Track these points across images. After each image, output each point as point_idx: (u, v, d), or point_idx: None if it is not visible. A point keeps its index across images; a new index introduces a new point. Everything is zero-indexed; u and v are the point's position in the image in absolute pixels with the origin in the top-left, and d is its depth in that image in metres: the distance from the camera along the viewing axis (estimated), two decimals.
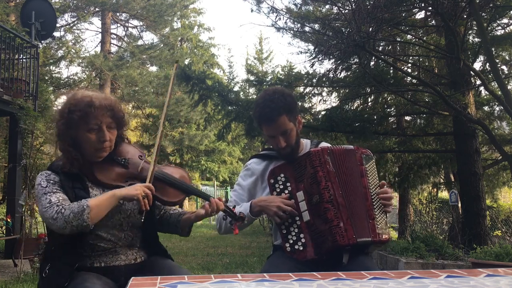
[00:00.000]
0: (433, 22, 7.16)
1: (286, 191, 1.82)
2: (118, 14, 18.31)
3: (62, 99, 16.35)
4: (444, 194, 10.38)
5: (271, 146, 2.06)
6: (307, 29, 7.02)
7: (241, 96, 7.58)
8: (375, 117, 7.07)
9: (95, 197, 1.53)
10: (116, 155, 1.69)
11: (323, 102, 8.04)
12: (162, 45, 18.30)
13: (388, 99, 7.94)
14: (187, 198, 1.85)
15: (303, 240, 1.75)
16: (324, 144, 2.04)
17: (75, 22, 16.47)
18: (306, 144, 2.02)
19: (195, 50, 22.99)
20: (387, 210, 1.82)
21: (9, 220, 6.04)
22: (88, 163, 1.64)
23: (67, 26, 16.10)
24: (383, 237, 1.73)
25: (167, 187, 1.71)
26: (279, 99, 1.82)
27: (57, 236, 1.55)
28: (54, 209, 1.47)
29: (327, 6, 7.24)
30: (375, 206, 1.77)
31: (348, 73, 7.58)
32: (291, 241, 1.78)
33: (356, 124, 6.42)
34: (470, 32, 6.42)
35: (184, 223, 1.79)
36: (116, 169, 1.67)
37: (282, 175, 1.84)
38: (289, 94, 1.90)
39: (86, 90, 1.70)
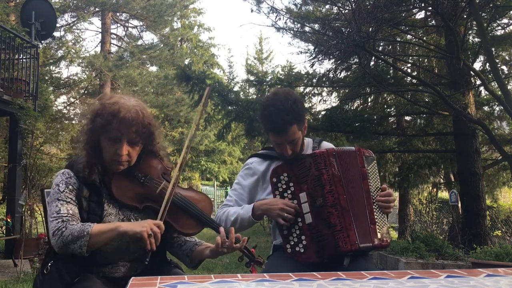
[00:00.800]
0: (433, 22, 7.15)
1: (289, 191, 1.79)
2: (118, 14, 18.30)
3: (62, 99, 16.37)
4: (444, 194, 10.37)
5: (271, 146, 2.06)
6: (307, 29, 7.02)
7: (241, 96, 7.57)
8: (375, 117, 7.07)
9: (99, 224, 1.44)
10: (138, 171, 1.58)
11: (323, 102, 8.05)
12: (162, 45, 18.29)
13: (388, 99, 7.94)
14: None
15: (304, 242, 1.73)
16: (325, 143, 2.03)
17: (75, 22, 16.46)
18: (308, 143, 2.00)
19: (195, 50, 22.99)
20: (387, 212, 1.80)
21: (9, 220, 6.04)
22: (110, 173, 1.56)
23: (67, 26, 16.10)
24: (384, 241, 1.73)
25: (184, 215, 1.57)
26: (292, 108, 1.76)
27: None
28: (57, 224, 1.42)
29: (327, 6, 7.24)
30: (376, 210, 1.75)
31: (348, 73, 7.58)
32: (292, 243, 1.76)
33: (356, 124, 6.42)
34: (470, 32, 6.42)
35: (196, 255, 1.66)
36: (135, 187, 1.56)
37: (285, 174, 1.81)
38: (300, 100, 1.84)
39: (123, 95, 1.60)
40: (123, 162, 1.52)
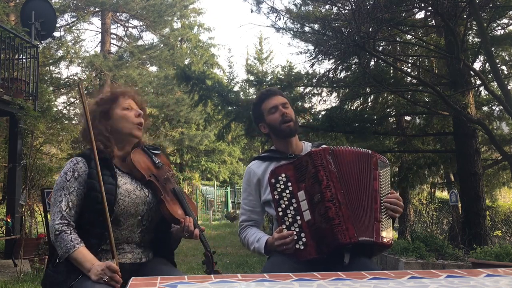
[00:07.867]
0: (433, 22, 7.16)
1: (287, 191, 1.81)
2: (118, 14, 18.31)
3: (62, 99, 16.35)
4: (444, 194, 10.38)
5: (271, 148, 2.07)
6: (307, 29, 7.02)
7: (241, 96, 7.58)
8: (375, 117, 7.07)
9: (82, 251, 1.52)
10: (154, 156, 1.80)
11: (323, 102, 8.05)
12: (162, 45, 18.29)
13: (388, 99, 7.95)
14: None
15: (304, 240, 1.74)
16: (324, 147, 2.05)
17: (75, 22, 16.46)
18: (306, 146, 2.04)
19: (195, 50, 22.98)
20: (394, 215, 1.81)
21: (9, 220, 6.04)
22: (119, 152, 1.74)
23: (67, 26, 16.10)
24: (386, 240, 1.72)
25: (177, 204, 1.74)
26: (280, 91, 2.12)
27: (84, 216, 1.61)
28: (57, 225, 1.56)
29: (327, 6, 7.23)
30: (383, 211, 1.77)
31: (348, 73, 7.58)
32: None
33: (356, 124, 6.42)
34: (470, 32, 6.42)
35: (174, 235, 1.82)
36: (150, 164, 1.77)
37: (283, 175, 1.83)
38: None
39: None
40: (140, 124, 1.73)
